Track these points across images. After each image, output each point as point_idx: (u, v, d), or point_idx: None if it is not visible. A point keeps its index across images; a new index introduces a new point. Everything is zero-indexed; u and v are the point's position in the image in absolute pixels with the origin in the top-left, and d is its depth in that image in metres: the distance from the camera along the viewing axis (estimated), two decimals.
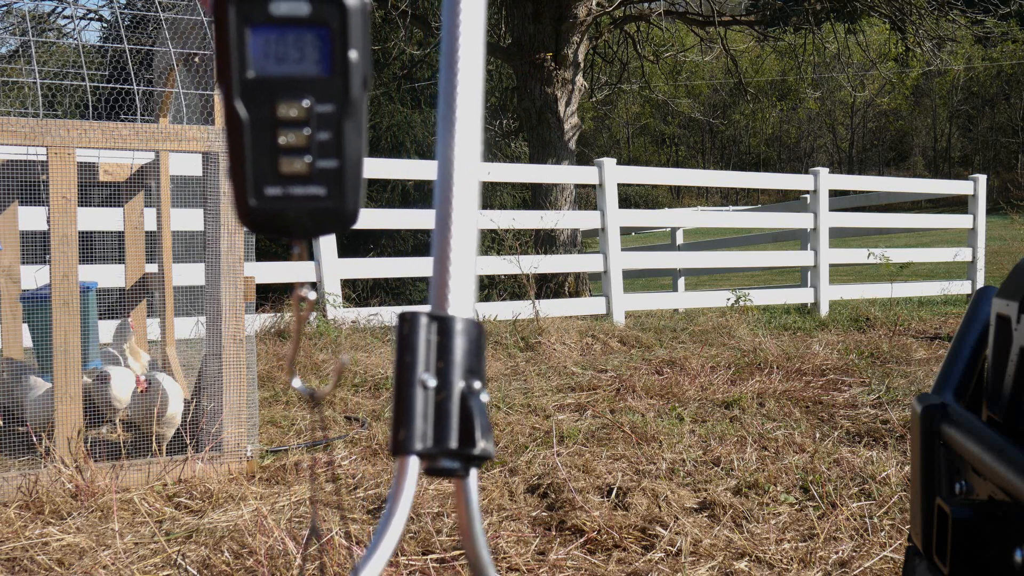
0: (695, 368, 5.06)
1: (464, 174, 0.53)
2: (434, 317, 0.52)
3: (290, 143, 0.46)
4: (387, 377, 4.84)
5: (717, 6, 11.68)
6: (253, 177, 0.46)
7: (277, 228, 0.47)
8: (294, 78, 0.45)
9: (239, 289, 3.14)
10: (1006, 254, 14.32)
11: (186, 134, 3.10)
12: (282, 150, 0.46)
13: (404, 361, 0.51)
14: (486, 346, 0.55)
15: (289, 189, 0.46)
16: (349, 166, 0.47)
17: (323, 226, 0.48)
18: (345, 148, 0.47)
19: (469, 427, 0.52)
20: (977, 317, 0.89)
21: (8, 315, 3.65)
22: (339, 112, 0.46)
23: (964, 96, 41.78)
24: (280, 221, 0.47)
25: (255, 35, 0.44)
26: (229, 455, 3.17)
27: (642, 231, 23.17)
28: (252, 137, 0.45)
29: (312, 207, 0.47)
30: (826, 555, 2.43)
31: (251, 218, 0.47)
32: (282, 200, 0.46)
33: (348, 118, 0.46)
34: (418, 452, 0.51)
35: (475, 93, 0.54)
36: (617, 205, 8.00)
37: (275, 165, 0.46)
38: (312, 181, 0.46)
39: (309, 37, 0.45)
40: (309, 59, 0.45)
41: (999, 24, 14.10)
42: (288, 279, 6.98)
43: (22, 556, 2.43)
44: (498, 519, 2.70)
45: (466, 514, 0.54)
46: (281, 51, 0.45)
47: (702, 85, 40.80)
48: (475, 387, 0.53)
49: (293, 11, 0.44)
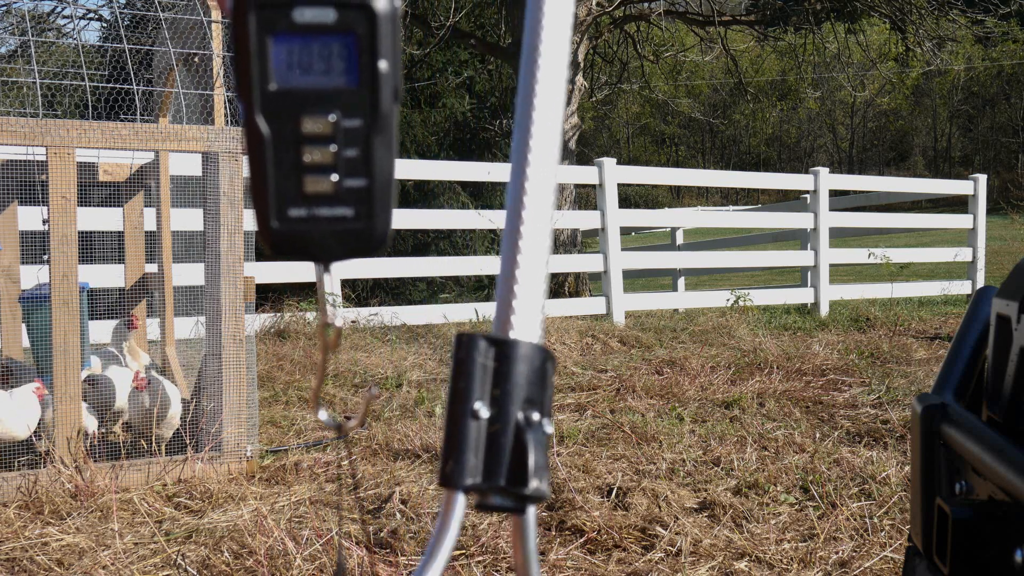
0: (695, 368, 5.06)
1: (539, 183, 0.49)
2: (493, 340, 0.49)
3: (315, 161, 0.43)
4: (387, 377, 4.84)
5: (717, 6, 11.68)
6: (276, 197, 0.43)
7: (301, 251, 0.44)
8: (319, 90, 0.42)
9: (239, 289, 3.14)
10: (1006, 254, 14.31)
11: (186, 134, 3.10)
12: (307, 168, 0.43)
13: (457, 388, 0.49)
14: (553, 374, 0.52)
15: (314, 210, 0.43)
16: (379, 185, 0.44)
17: (351, 249, 0.45)
18: (374, 166, 0.43)
19: (523, 464, 0.48)
20: (977, 317, 0.89)
21: (8, 315, 3.65)
22: (368, 127, 0.43)
23: (964, 96, 41.78)
24: (305, 244, 0.44)
25: (277, 44, 0.41)
26: (229, 455, 3.17)
27: (642, 231, 23.17)
28: (275, 154, 0.42)
29: (339, 229, 0.44)
30: (826, 555, 2.43)
31: (274, 241, 0.44)
32: (307, 222, 0.43)
33: (378, 133, 0.43)
34: (465, 487, 0.49)
35: (557, 97, 0.51)
36: (617, 205, 7.99)
37: (299, 184, 0.43)
38: (339, 202, 0.43)
39: (335, 46, 0.42)
40: (335, 70, 0.42)
41: (999, 24, 14.09)
42: (288, 279, 6.99)
43: (22, 556, 2.43)
44: (498, 519, 2.69)
45: (522, 554, 0.51)
46: (305, 61, 0.42)
47: (702, 85, 40.80)
48: (533, 419, 0.50)
49: (318, 18, 0.41)
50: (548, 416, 0.51)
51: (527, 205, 0.49)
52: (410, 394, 4.48)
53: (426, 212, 10.15)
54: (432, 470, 3.23)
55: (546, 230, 0.50)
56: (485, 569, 2.34)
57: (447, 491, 0.49)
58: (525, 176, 0.49)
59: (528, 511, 0.50)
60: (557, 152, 0.51)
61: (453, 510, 0.49)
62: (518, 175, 0.50)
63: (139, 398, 3.29)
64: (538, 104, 0.49)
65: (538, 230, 0.50)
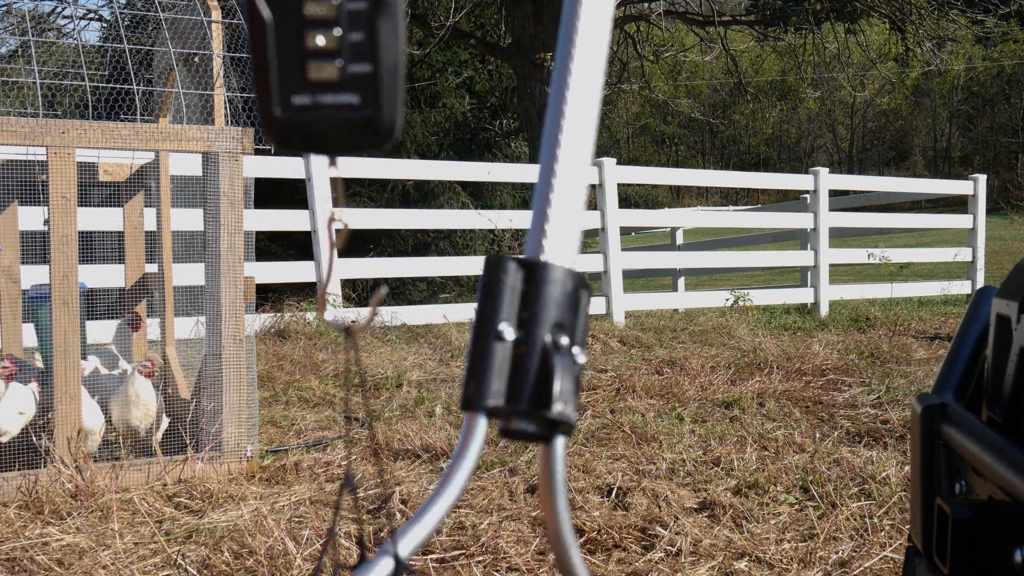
0: (695, 368, 5.06)
1: (581, 97, 0.47)
2: (523, 263, 0.48)
3: (319, 46, 0.41)
4: (387, 377, 4.84)
5: (717, 6, 11.68)
6: (279, 85, 0.41)
7: (306, 142, 0.42)
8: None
9: (239, 289, 3.14)
10: (1006, 254, 14.31)
11: (186, 134, 3.10)
12: (310, 53, 0.41)
13: (483, 309, 0.47)
14: (588, 302, 0.50)
15: (319, 97, 0.42)
16: (385, 71, 0.42)
17: (358, 139, 0.43)
18: (380, 51, 0.41)
19: (548, 387, 0.47)
20: (977, 317, 0.89)
21: (8, 315, 3.65)
22: (373, 9, 0.41)
23: (964, 96, 41.78)
24: (309, 133, 0.42)
25: None
26: (229, 455, 3.17)
27: (642, 231, 23.16)
28: (277, 40, 0.41)
29: (345, 117, 0.42)
30: (826, 555, 2.43)
31: (278, 130, 0.42)
32: (312, 110, 0.42)
33: (383, 16, 0.41)
34: (487, 409, 0.47)
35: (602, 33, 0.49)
36: (617, 205, 7.99)
37: (303, 71, 0.41)
38: (344, 88, 0.41)
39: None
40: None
41: (999, 24, 14.09)
42: (288, 279, 6.99)
43: (22, 556, 2.43)
44: (498, 519, 2.69)
45: (548, 485, 0.49)
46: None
47: (702, 85, 40.81)
48: (562, 343, 0.48)
49: None
50: (581, 345, 0.49)
51: (567, 115, 0.47)
52: (410, 394, 4.48)
53: (426, 212, 10.15)
54: (432, 470, 3.23)
55: (587, 146, 0.48)
56: (485, 569, 2.34)
57: (469, 414, 0.48)
58: (567, 85, 0.48)
59: (556, 442, 0.48)
60: (601, 64, 0.49)
61: (474, 433, 0.47)
62: (560, 80, 0.48)
63: (124, 395, 3.27)
64: (582, 14, 0.48)
65: (578, 144, 0.48)
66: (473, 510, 2.77)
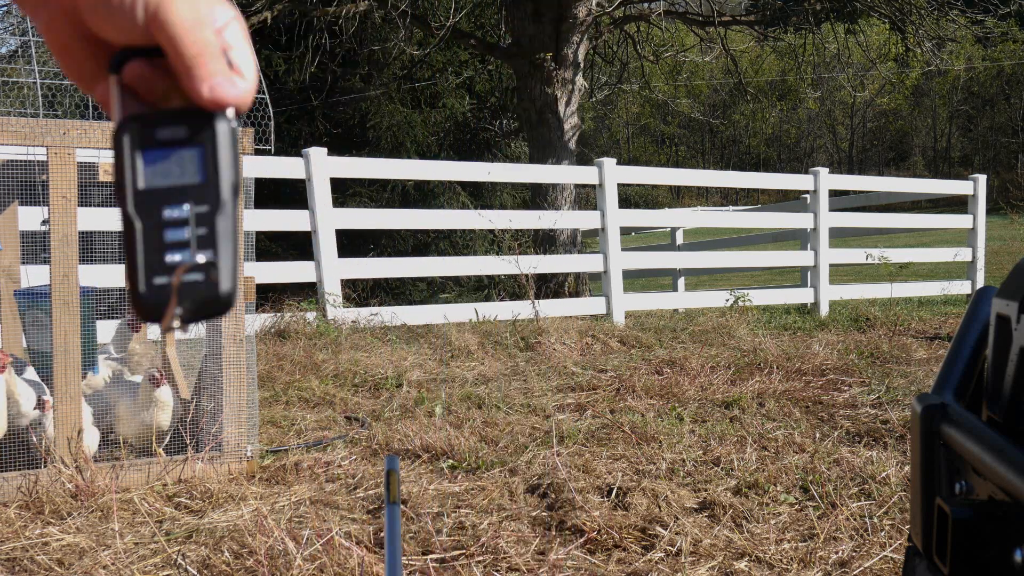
0: (695, 368, 5.06)
1: None
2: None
3: (174, 240, 0.53)
4: (387, 377, 4.84)
5: (717, 6, 11.68)
6: (144, 271, 0.53)
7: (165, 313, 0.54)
8: (176, 187, 0.54)
9: (239, 289, 3.14)
10: (1006, 254, 14.32)
11: None
12: (167, 246, 0.53)
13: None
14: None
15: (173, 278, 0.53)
16: (223, 257, 0.54)
17: (204, 310, 0.54)
18: (219, 242, 0.54)
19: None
20: (977, 317, 0.89)
21: (8, 315, 3.65)
22: (213, 211, 0.54)
23: (964, 96, 41.78)
24: (166, 306, 0.53)
25: (145, 155, 0.54)
26: (229, 455, 3.17)
27: (642, 231, 23.17)
28: (144, 237, 0.53)
29: (193, 293, 0.53)
30: (826, 555, 2.43)
31: (143, 304, 0.53)
32: (168, 288, 0.53)
33: (221, 215, 0.54)
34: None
35: None
36: (617, 205, 8.00)
37: (162, 259, 0.53)
38: (192, 270, 0.53)
39: (187, 154, 0.54)
40: (188, 171, 0.54)
41: (999, 24, 14.09)
42: (288, 279, 6.99)
43: (22, 556, 2.43)
44: (498, 519, 2.70)
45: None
46: (165, 167, 0.54)
47: (702, 85, 40.81)
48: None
49: (174, 135, 0.54)
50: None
51: None
52: (410, 394, 4.49)
53: (426, 212, 10.16)
54: (432, 470, 3.24)
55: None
56: (485, 569, 2.35)
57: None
58: None
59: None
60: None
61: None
62: None
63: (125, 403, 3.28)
64: None
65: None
66: (473, 510, 2.77)
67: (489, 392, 4.49)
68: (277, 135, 7.18)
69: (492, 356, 5.70)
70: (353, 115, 13.56)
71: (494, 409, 4.12)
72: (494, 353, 5.79)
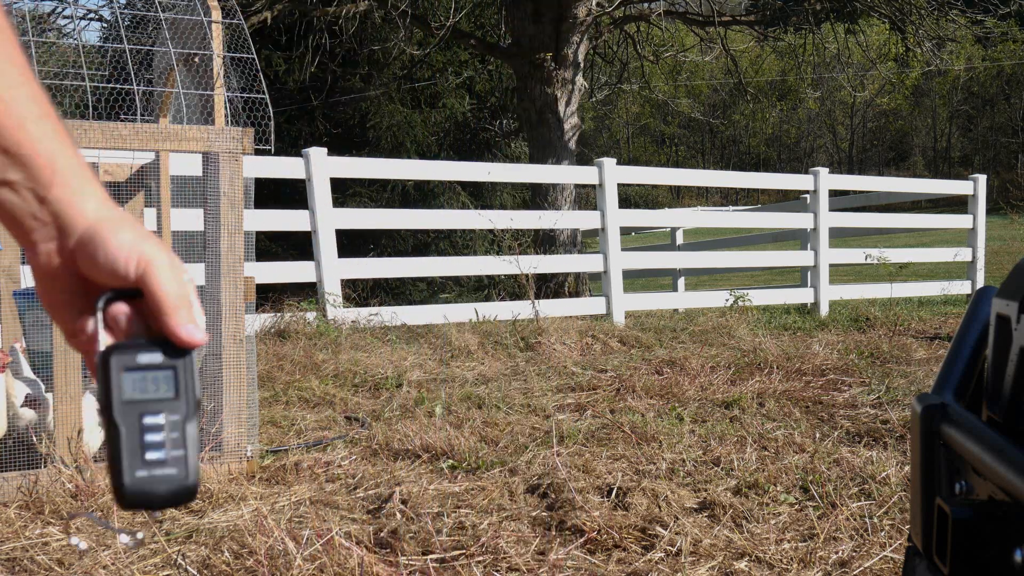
0: (695, 368, 5.06)
1: None
2: None
3: (152, 441, 0.66)
4: (387, 377, 4.84)
5: (717, 6, 11.68)
6: (127, 466, 0.65)
7: (146, 500, 0.66)
8: (154, 400, 0.67)
9: (239, 289, 3.14)
10: (1006, 254, 14.32)
11: (186, 134, 3.10)
12: (146, 446, 0.66)
13: None
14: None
15: (152, 471, 0.65)
16: (191, 454, 0.67)
17: (176, 497, 0.66)
18: (187, 442, 0.67)
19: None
20: (977, 317, 0.89)
21: (7, 315, 3.65)
22: (184, 420, 0.67)
23: (964, 96, 41.79)
24: (147, 495, 0.65)
25: (128, 375, 0.66)
26: (229, 455, 3.17)
27: (642, 231, 23.17)
28: (127, 439, 0.65)
29: (167, 484, 0.66)
30: (826, 555, 2.43)
31: (125, 494, 0.65)
32: (148, 480, 0.65)
33: (190, 422, 0.67)
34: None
35: None
36: (617, 205, 8.00)
37: (143, 456, 0.65)
38: (167, 465, 0.66)
39: (162, 374, 0.67)
40: (163, 388, 0.67)
41: (999, 24, 14.09)
42: (288, 279, 6.99)
43: (22, 556, 2.43)
44: (498, 519, 2.69)
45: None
46: (144, 384, 0.67)
47: (702, 85, 40.81)
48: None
49: (152, 360, 0.67)
50: None
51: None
52: (410, 394, 4.49)
53: (426, 212, 10.16)
54: (432, 470, 3.24)
55: None
56: (485, 569, 2.35)
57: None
58: None
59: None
60: None
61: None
62: None
63: None
64: None
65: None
66: (473, 510, 2.77)
67: (489, 392, 4.49)
68: (277, 135, 7.19)
69: (492, 356, 5.70)
70: (353, 115, 13.56)
71: (494, 409, 4.12)
72: (494, 353, 5.79)
